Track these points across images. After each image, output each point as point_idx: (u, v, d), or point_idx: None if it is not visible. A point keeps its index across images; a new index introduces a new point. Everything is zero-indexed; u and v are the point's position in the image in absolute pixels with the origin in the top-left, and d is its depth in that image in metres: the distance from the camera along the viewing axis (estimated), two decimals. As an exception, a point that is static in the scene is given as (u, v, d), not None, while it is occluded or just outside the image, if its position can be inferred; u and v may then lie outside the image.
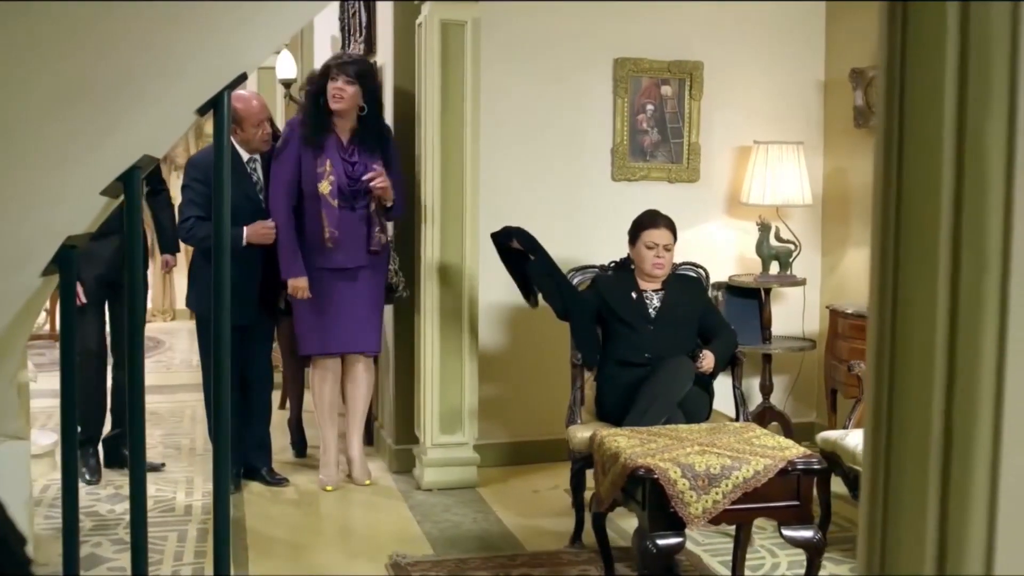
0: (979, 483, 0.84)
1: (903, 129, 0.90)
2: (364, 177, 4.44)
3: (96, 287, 4.57)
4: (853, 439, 3.66)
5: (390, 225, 4.77)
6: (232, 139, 4.43)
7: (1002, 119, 0.80)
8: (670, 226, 4.12)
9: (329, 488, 4.64)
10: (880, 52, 0.94)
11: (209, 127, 2.23)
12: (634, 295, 4.10)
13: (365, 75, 4.51)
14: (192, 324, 4.98)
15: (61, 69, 1.50)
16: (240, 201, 4.36)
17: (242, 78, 2.19)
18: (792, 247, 5.13)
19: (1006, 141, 0.80)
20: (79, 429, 3.80)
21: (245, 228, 4.45)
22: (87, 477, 4.65)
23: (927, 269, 0.87)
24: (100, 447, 4.85)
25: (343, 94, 4.46)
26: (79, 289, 4.38)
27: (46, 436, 4.82)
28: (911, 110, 0.89)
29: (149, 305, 9.66)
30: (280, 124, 6.11)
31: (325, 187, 4.44)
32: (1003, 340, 0.82)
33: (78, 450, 2.73)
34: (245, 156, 4.58)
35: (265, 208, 4.58)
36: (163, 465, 4.98)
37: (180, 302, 9.23)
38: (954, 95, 0.84)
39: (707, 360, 3.96)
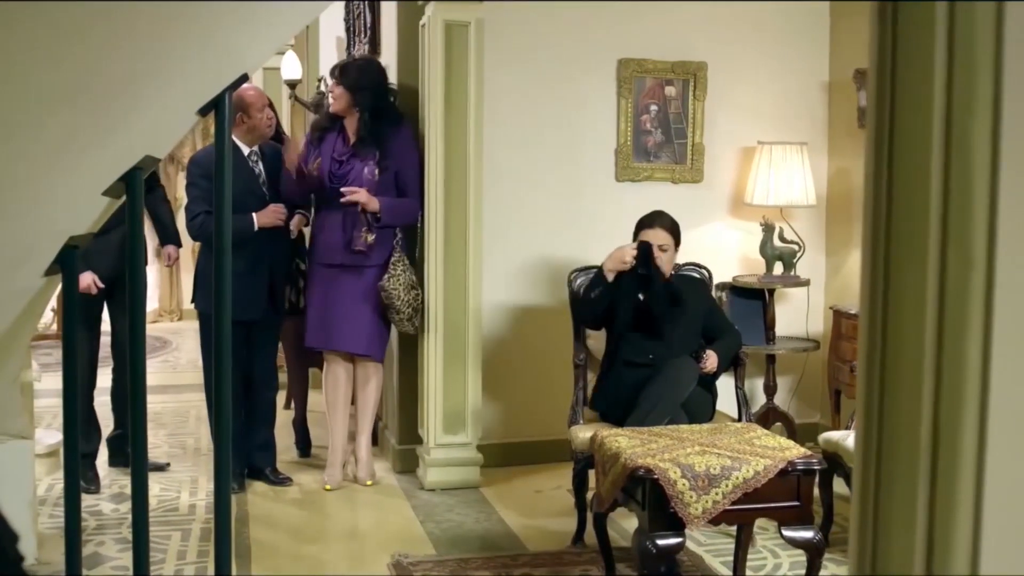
0: (965, 483, 0.85)
1: (893, 125, 0.91)
2: (342, 190, 4.50)
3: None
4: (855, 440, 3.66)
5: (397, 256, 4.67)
6: (233, 134, 4.45)
7: (987, 118, 0.81)
8: (668, 227, 4.11)
9: (328, 488, 4.64)
10: (871, 51, 0.94)
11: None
12: (640, 296, 4.09)
13: (357, 77, 4.54)
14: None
15: (62, 69, 1.50)
16: (244, 195, 4.39)
17: (243, 79, 2.20)
18: (796, 248, 5.13)
19: (991, 139, 0.81)
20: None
21: (255, 214, 4.53)
22: (83, 486, 4.65)
23: (916, 264, 0.88)
24: (104, 447, 4.87)
25: (333, 95, 4.65)
26: (94, 277, 4.40)
27: (51, 436, 4.82)
28: (901, 107, 0.90)
29: (155, 305, 9.70)
30: (284, 123, 6.16)
31: None
32: (989, 335, 0.82)
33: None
34: (246, 150, 4.62)
35: (269, 201, 4.65)
36: (168, 465, 5.00)
37: (187, 302, 9.24)
38: (942, 93, 0.84)
39: (710, 360, 3.96)
